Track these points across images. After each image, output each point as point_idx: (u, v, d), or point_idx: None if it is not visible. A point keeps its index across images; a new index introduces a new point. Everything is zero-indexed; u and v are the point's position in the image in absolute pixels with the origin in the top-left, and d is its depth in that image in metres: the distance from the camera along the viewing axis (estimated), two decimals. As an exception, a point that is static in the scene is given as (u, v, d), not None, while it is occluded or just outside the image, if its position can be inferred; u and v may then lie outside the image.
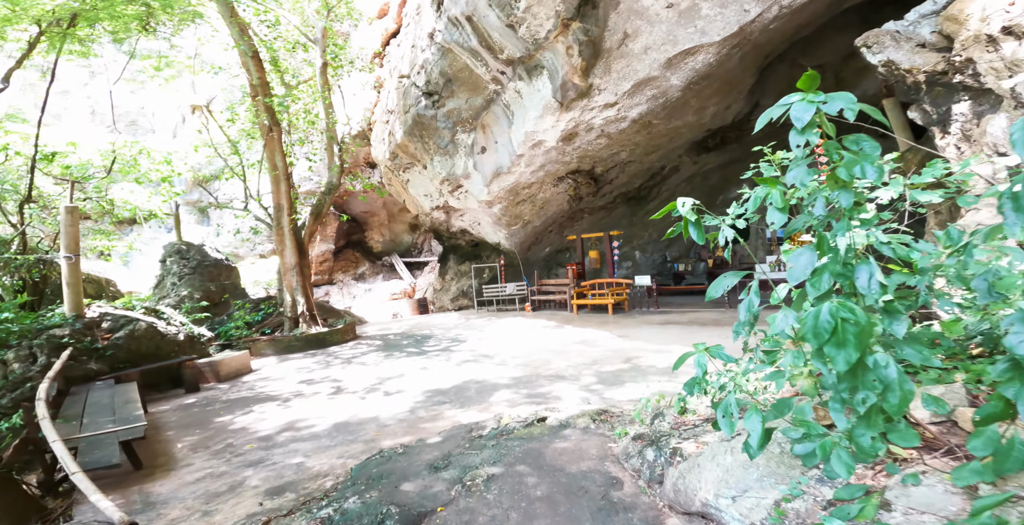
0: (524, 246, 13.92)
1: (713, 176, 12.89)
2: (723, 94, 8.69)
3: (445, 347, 8.34)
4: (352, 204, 21.30)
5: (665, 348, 6.39)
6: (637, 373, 5.32)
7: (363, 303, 18.20)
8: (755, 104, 9.92)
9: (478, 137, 11.19)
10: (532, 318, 11.13)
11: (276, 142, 9.52)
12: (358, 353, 8.47)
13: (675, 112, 8.68)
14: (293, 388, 6.21)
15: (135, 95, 21.02)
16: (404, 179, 14.57)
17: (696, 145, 10.94)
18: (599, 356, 6.37)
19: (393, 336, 10.33)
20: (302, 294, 9.49)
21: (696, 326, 7.96)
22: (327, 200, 10.46)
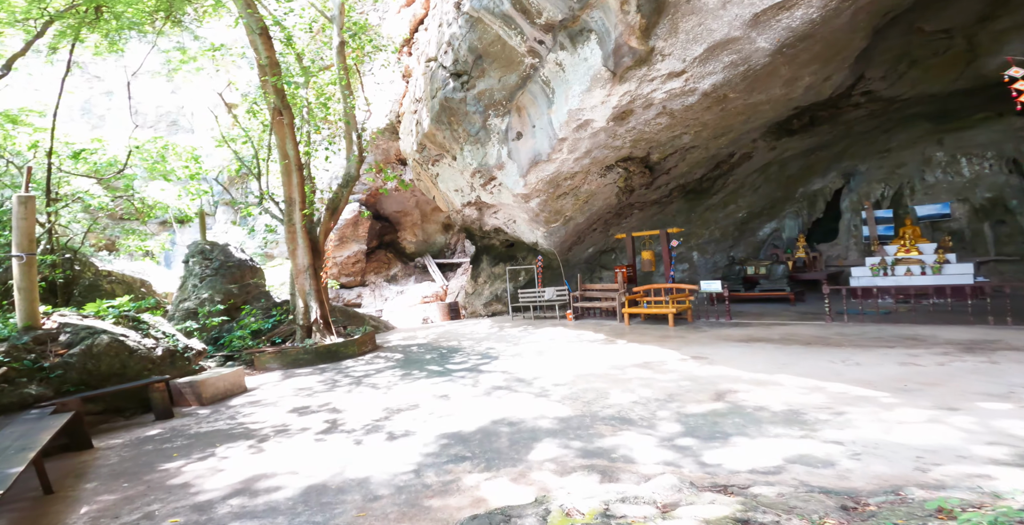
0: (564, 246, 12.36)
1: (793, 164, 10.83)
2: (823, 61, 6.80)
3: (473, 366, 6.91)
4: (384, 204, 20.50)
5: (769, 378, 4.66)
6: (742, 419, 3.66)
7: (394, 306, 17.22)
8: (859, 76, 7.90)
9: (512, 121, 9.77)
10: (575, 329, 9.53)
11: (287, 128, 8.49)
12: (372, 370, 7.19)
13: (758, 83, 6.90)
14: (280, 419, 4.96)
15: (175, 95, 21.23)
16: (433, 173, 13.40)
17: (777, 126, 9.01)
18: (674, 387, 4.72)
19: (416, 348, 9.03)
20: (316, 299, 8.37)
21: (796, 345, 6.12)
22: (344, 193, 9.35)
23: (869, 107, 8.56)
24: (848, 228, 11.31)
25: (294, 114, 9.87)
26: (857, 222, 11.15)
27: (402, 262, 20.81)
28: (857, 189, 11.11)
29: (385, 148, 17.61)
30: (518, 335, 9.48)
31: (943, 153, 10.02)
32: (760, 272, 11.59)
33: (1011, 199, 9.21)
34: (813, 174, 11.51)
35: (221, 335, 8.39)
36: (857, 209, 11.13)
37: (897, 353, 5.22)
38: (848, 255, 11.33)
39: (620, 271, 10.35)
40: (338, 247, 18.10)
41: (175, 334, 6.15)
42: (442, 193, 14.03)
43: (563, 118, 8.25)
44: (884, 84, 8.00)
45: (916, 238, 9.92)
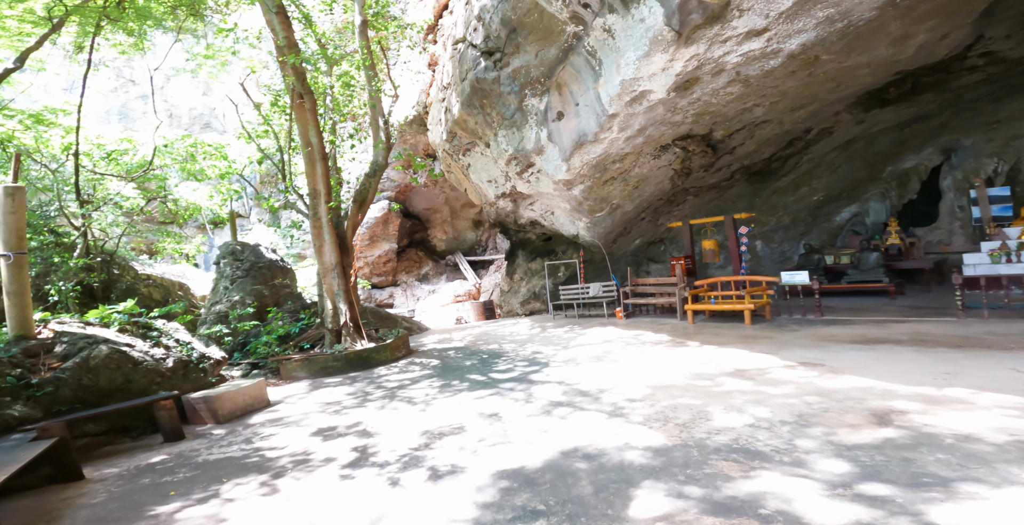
0: (609, 238, 11.21)
1: (882, 140, 9.25)
2: (945, 15, 5.39)
3: (521, 374, 5.92)
4: (413, 201, 19.91)
5: (940, 393, 3.42)
6: (949, 454, 2.49)
7: (427, 305, 16.53)
8: (978, 36, 6.40)
9: (552, 100, 8.74)
10: (629, 328, 8.39)
11: (309, 113, 7.77)
12: (406, 380, 6.32)
13: (859, 43, 5.57)
14: (302, 444, 4.11)
15: (206, 97, 21.38)
16: (464, 164, 12.52)
17: (868, 96, 7.56)
18: (801, 405, 3.56)
19: (454, 353, 8.13)
20: (344, 300, 7.60)
21: (942, 348, 4.79)
22: (372, 183, 8.57)
23: (987, 70, 7.01)
24: (951, 210, 9.61)
25: (316, 100, 9.19)
26: (963, 202, 9.45)
27: (433, 261, 20.14)
28: (962, 165, 9.41)
29: (413, 142, 16.97)
30: (565, 337, 8.43)
31: None
32: (843, 261, 10.06)
33: None
34: (906, 150, 9.84)
35: (248, 340, 7.76)
36: (962, 188, 9.43)
37: (1104, 358, 3.86)
38: (952, 240, 9.65)
39: (678, 263, 9.13)
40: (369, 246, 17.58)
41: (191, 342, 5.46)
42: (474, 185, 13.15)
43: (614, 91, 7.14)
44: (1009, 43, 6.47)
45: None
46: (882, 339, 5.47)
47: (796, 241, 11.47)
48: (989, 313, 6.13)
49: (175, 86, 21.77)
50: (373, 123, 9.21)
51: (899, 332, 5.76)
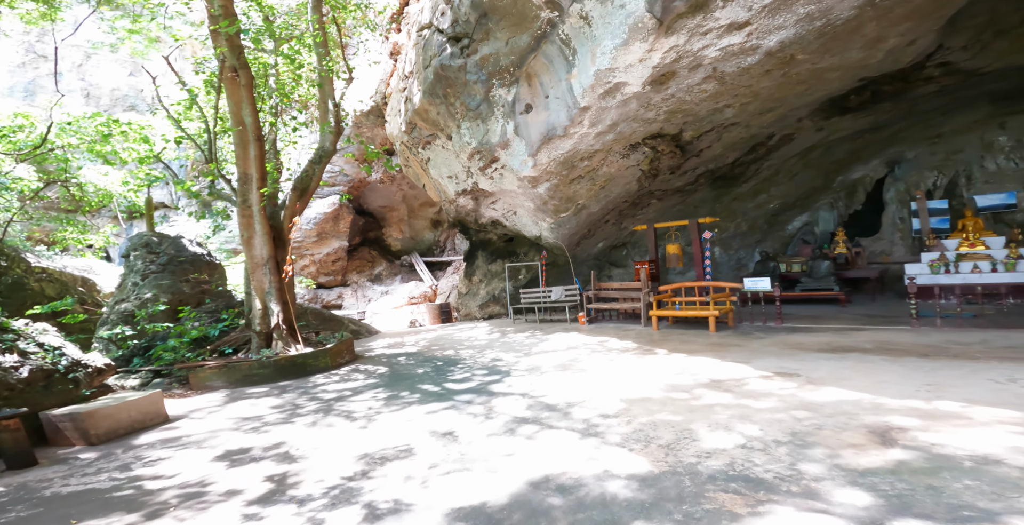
0: (573, 240, 10.89)
1: (838, 150, 9.53)
2: (919, 18, 5.45)
3: (480, 385, 5.33)
4: (368, 198, 18.83)
5: (932, 407, 3.20)
6: (980, 481, 2.18)
7: (379, 307, 15.52)
8: (938, 45, 6.62)
9: (522, 91, 8.27)
10: (593, 334, 8.03)
11: (244, 90, 6.82)
12: (347, 391, 5.54)
13: (835, 43, 5.53)
14: (199, 472, 3.30)
15: (134, 78, 19.18)
16: (423, 158, 11.81)
17: (831, 103, 7.68)
18: (790, 422, 3.23)
19: (405, 359, 7.39)
20: (277, 299, 6.66)
21: (911, 357, 4.70)
22: (316, 171, 7.69)
23: (942, 82, 7.31)
24: (893, 221, 10.08)
25: (259, 82, 8.20)
26: (904, 214, 9.93)
27: (387, 260, 19.11)
28: (905, 178, 9.90)
29: (370, 136, 16.02)
30: (527, 342, 7.93)
31: (1007, 137, 8.87)
32: (795, 269, 10.29)
33: (1094, 185, 8.10)
34: (857, 161, 10.23)
35: (154, 344, 6.62)
36: (904, 200, 9.92)
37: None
38: (893, 251, 10.11)
39: (643, 267, 8.90)
40: (316, 243, 16.32)
41: (62, 347, 4.40)
42: (433, 181, 12.44)
43: (588, 82, 6.77)
44: (966, 55, 6.74)
45: (980, 231, 8.72)
46: (849, 347, 5.38)
47: (752, 248, 11.68)
48: (942, 322, 6.26)
49: (96, 64, 19.42)
50: (321, 105, 8.33)
51: (862, 340, 5.71)
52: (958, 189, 9.40)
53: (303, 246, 15.98)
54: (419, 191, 17.32)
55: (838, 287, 9.03)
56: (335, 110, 8.14)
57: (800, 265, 10.26)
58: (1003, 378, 3.73)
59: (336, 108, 8.26)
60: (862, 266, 10.03)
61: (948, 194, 9.51)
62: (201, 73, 8.56)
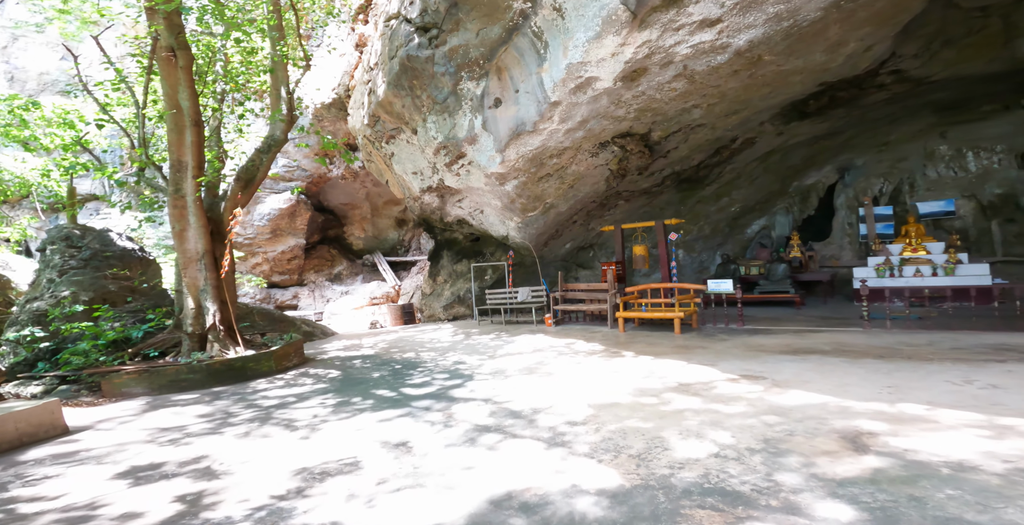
0: (540, 240, 10.72)
1: (795, 154, 9.85)
2: (879, 23, 5.63)
3: (440, 389, 5.00)
4: (330, 194, 18.00)
5: (897, 410, 3.17)
6: (962, 490, 2.09)
7: (338, 308, 14.79)
8: (892, 52, 6.90)
9: (491, 85, 8.02)
10: (560, 336, 7.86)
11: (182, 72, 6.18)
12: (291, 397, 5.06)
13: (800, 45, 5.62)
14: (93, 492, 2.81)
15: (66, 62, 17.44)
16: (387, 153, 11.33)
17: (791, 107, 7.89)
18: (761, 427, 3.12)
19: (361, 362, 6.93)
20: (213, 298, 6.05)
21: (868, 359, 4.77)
22: (264, 160, 7.10)
23: (892, 89, 7.65)
24: (843, 226, 10.53)
25: (204, 66, 7.50)
26: (853, 219, 10.40)
27: (348, 259, 18.34)
28: (853, 184, 10.37)
29: (332, 130, 15.31)
30: (492, 344, 7.65)
31: (947, 147, 9.43)
32: (753, 272, 10.55)
33: (1023, 196, 8.70)
34: (811, 166, 10.63)
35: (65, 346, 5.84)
36: (853, 206, 10.38)
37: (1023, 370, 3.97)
38: (842, 255, 10.56)
39: (609, 268, 8.83)
40: (270, 240, 15.39)
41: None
42: (397, 177, 11.97)
43: (559, 76, 6.60)
44: (916, 63, 7.07)
45: (922, 236, 9.21)
46: (808, 349, 5.43)
47: (714, 251, 11.92)
48: (891, 324, 6.49)
49: (23, 46, 17.60)
50: (273, 92, 7.73)
51: (820, 342, 5.80)
52: (902, 196, 9.93)
53: (255, 243, 15.02)
54: (384, 188, 16.72)
55: (793, 290, 9.31)
56: (288, 98, 7.58)
57: (758, 268, 10.53)
58: (959, 379, 3.80)
59: (290, 96, 7.70)
60: (814, 270, 10.41)
61: (893, 201, 10.03)
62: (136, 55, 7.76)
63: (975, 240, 9.14)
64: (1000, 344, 4.96)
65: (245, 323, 7.27)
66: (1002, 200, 8.93)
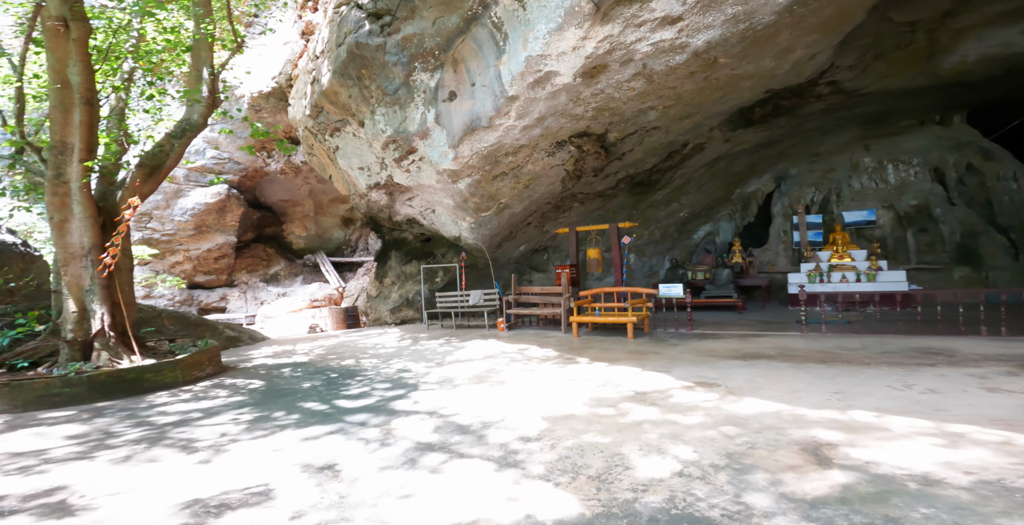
0: (494, 242, 10.42)
1: (740, 162, 10.25)
2: (824, 32, 5.89)
3: (380, 401, 4.51)
4: (267, 190, 16.68)
5: (848, 418, 3.14)
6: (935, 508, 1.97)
7: (274, 311, 13.64)
8: (831, 63, 7.29)
9: (446, 77, 7.63)
10: (513, 342, 7.57)
11: (75, 45, 5.26)
12: (197, 413, 4.36)
13: (754, 48, 5.75)
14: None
15: None
16: (331, 146, 10.58)
17: (739, 114, 8.17)
18: (721, 440, 2.96)
19: (290, 371, 6.25)
20: (102, 300, 5.15)
21: (811, 364, 4.86)
22: (176, 146, 6.23)
23: (828, 100, 8.11)
24: (779, 233, 11.12)
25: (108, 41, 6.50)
26: (787, 227, 10.99)
27: (287, 259, 17.07)
28: (789, 193, 10.98)
29: (271, 122, 14.20)
30: (440, 350, 7.21)
31: (870, 159, 10.20)
32: (699, 277, 10.85)
33: (935, 207, 9.54)
34: (753, 174, 11.14)
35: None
36: (788, 214, 10.98)
37: (955, 373, 4.14)
38: (777, 261, 11.14)
39: (564, 271, 8.68)
40: (194, 238, 13.93)
41: None
42: (342, 172, 11.22)
43: (518, 69, 6.34)
44: (850, 74, 7.53)
45: (847, 244, 9.87)
46: (755, 354, 5.49)
47: (663, 256, 12.18)
48: (826, 328, 6.78)
49: None
50: (192, 72, 6.84)
51: (765, 346, 5.91)
52: (830, 205, 10.62)
53: (176, 240, 13.53)
54: (329, 185, 15.70)
55: (736, 294, 9.65)
56: (212, 80, 6.74)
57: (703, 273, 10.85)
58: (899, 384, 3.90)
59: (213, 77, 6.85)
60: (754, 275, 10.89)
61: (822, 210, 10.71)
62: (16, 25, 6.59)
63: (893, 248, 9.92)
64: (925, 348, 5.25)
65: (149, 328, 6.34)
66: (916, 211, 9.76)
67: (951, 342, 5.48)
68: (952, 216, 9.39)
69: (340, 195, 15.89)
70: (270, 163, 15.32)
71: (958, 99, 8.88)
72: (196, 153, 13.80)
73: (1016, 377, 3.85)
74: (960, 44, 7.04)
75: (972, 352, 4.85)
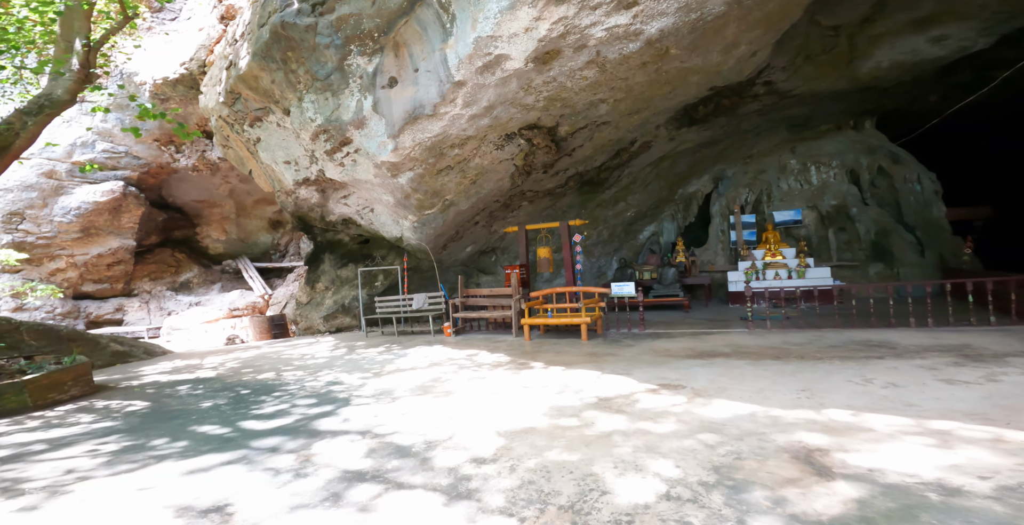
0: (439, 242, 9.78)
1: (682, 162, 10.43)
2: (767, 27, 5.99)
3: (302, 420, 3.76)
4: (176, 189, 14.79)
5: (826, 419, 2.93)
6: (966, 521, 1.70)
7: (184, 321, 11.99)
8: (768, 63, 7.52)
9: (386, 62, 6.98)
10: (461, 347, 6.99)
11: None
12: (42, 444, 3.37)
13: (703, 41, 5.71)
14: None
15: None
16: (251, 138, 9.46)
17: (683, 112, 8.24)
18: (703, 451, 2.62)
19: (189, 388, 5.21)
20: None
21: (767, 360, 4.76)
22: (30, 125, 5.08)
23: (763, 101, 8.41)
24: (717, 233, 11.47)
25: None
26: (725, 227, 11.37)
27: (201, 265, 15.20)
28: (726, 193, 11.38)
29: (181, 114, 12.64)
30: (380, 359, 6.46)
31: (796, 161, 10.80)
32: (646, 276, 10.90)
33: (852, 207, 10.24)
34: (694, 175, 11.43)
35: None
36: (725, 214, 11.37)
37: (906, 365, 4.16)
38: (716, 260, 11.48)
39: (513, 272, 8.24)
40: (80, 241, 11.89)
41: None
42: (264, 167, 10.07)
43: (466, 51, 5.85)
44: (784, 75, 7.83)
45: (778, 243, 10.34)
46: (711, 352, 5.36)
47: (611, 256, 12.16)
48: (771, 324, 6.89)
49: None
50: (61, 41, 5.64)
51: (719, 344, 5.82)
52: (762, 205, 11.13)
53: (56, 244, 11.48)
54: (255, 185, 14.16)
55: (682, 293, 9.74)
56: (85, 52, 5.58)
57: (650, 272, 10.92)
58: (858, 379, 3.83)
59: (88, 50, 5.69)
60: (696, 274, 11.13)
61: (755, 210, 11.20)
62: None
63: (816, 246, 10.55)
64: (866, 341, 5.38)
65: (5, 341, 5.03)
66: (836, 211, 10.45)
67: (886, 334, 5.68)
68: (867, 216, 10.15)
69: (268, 195, 14.42)
70: (179, 159, 13.56)
71: (870, 105, 9.63)
72: (84, 146, 11.86)
73: (964, 367, 3.92)
74: (876, 50, 7.54)
75: (911, 343, 5.01)
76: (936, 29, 7.01)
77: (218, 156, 13.50)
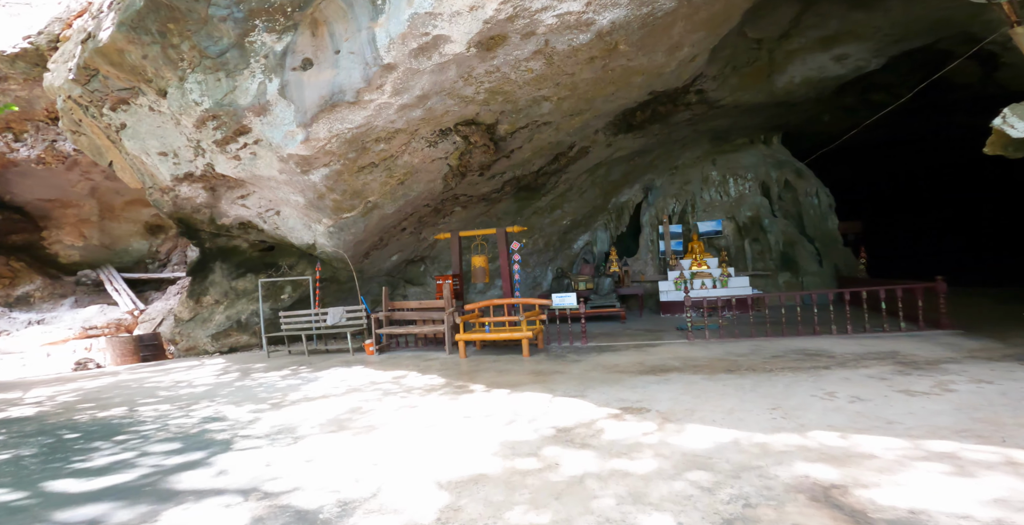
0: (360, 250, 8.72)
1: (617, 170, 10.44)
2: (711, 28, 6.02)
3: (151, 476, 2.66)
4: (16, 185, 12.02)
5: (814, 443, 2.62)
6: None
7: (18, 343, 9.49)
8: (701, 71, 7.70)
9: (300, 41, 6.02)
10: (386, 367, 6.06)
11: None
12: None
13: (651, 38, 5.58)
14: None
15: None
16: (113, 123, 7.79)
17: (622, 117, 8.17)
18: (700, 496, 2.12)
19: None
20: None
21: (721, 374, 4.54)
22: None
23: (694, 109, 8.66)
24: (647, 243, 11.68)
25: None
26: (654, 237, 11.62)
27: (47, 276, 12.35)
28: (655, 203, 11.66)
29: (28, 98, 10.34)
30: (283, 385, 5.29)
31: (716, 173, 11.38)
32: (582, 287, 10.71)
33: (764, 219, 10.96)
34: (626, 184, 11.55)
35: None
36: (654, 224, 11.63)
37: (856, 376, 4.11)
38: (647, 270, 11.67)
39: (446, 282, 7.47)
40: None
41: None
42: (131, 158, 8.35)
43: (399, 30, 5.12)
44: (713, 85, 8.11)
45: (703, 253, 10.74)
46: (662, 367, 5.06)
47: (546, 266, 11.84)
48: (709, 334, 6.87)
49: None
50: None
51: (667, 357, 5.57)
52: (687, 216, 11.56)
53: None
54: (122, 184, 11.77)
55: (619, 304, 9.65)
56: None
57: (585, 283, 10.75)
58: (820, 392, 3.68)
59: None
60: (629, 284, 11.20)
61: (681, 220, 11.60)
62: None
63: (735, 256, 11.14)
64: (800, 349, 5.45)
65: None
66: (751, 222, 11.14)
67: (816, 342, 5.83)
68: (776, 227, 10.95)
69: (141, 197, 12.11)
70: (18, 148, 10.93)
71: (779, 120, 10.44)
72: None
73: (910, 376, 3.95)
74: (790, 65, 8.10)
75: (845, 352, 5.11)
76: (839, 48, 7.67)
77: (73, 148, 11.06)
